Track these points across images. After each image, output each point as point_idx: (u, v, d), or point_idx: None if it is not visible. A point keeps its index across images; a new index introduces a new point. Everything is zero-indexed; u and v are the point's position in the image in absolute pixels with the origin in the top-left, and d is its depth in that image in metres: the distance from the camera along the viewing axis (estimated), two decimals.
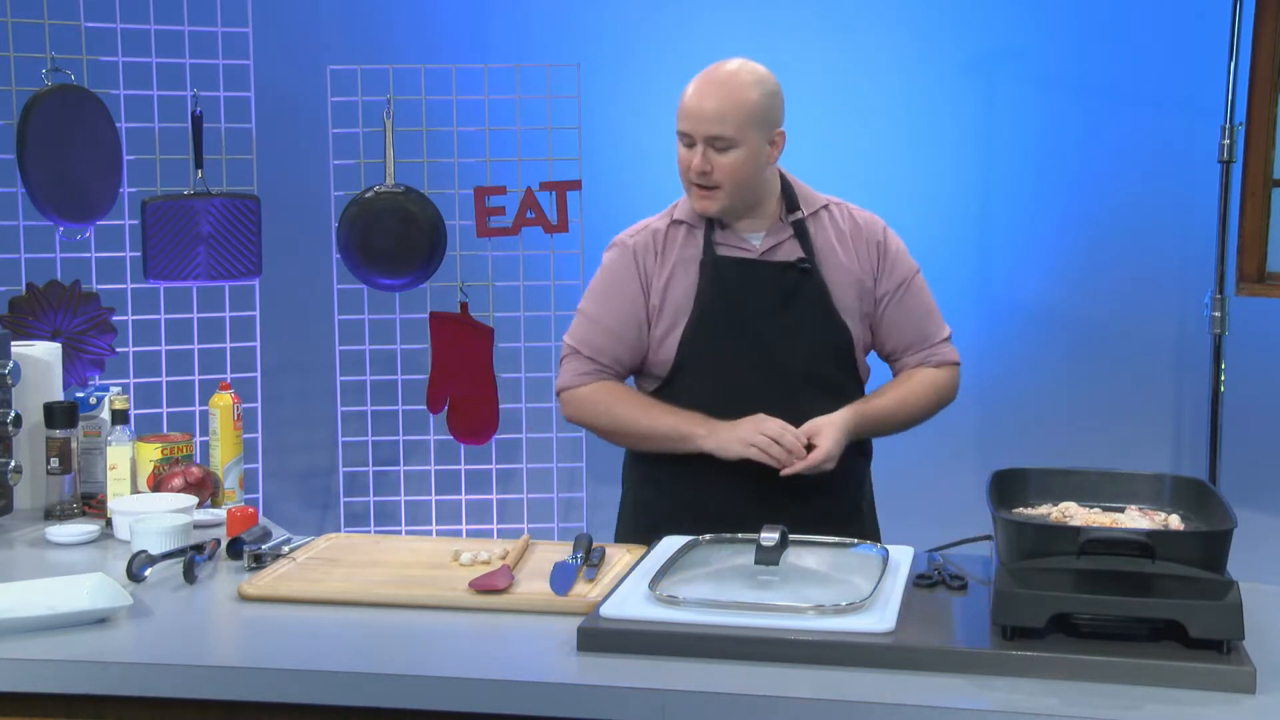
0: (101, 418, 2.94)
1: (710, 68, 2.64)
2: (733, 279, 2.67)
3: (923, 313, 2.79)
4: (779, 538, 2.16)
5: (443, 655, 2.05)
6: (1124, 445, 4.40)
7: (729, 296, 2.67)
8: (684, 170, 2.64)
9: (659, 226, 2.75)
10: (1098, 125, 4.45)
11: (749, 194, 2.66)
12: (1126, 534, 1.94)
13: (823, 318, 2.68)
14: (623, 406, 2.71)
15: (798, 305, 2.67)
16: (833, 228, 2.74)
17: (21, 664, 1.98)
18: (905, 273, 2.77)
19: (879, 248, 2.75)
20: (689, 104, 2.61)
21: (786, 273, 2.67)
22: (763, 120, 2.62)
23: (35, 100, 3.72)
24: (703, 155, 2.59)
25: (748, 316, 2.67)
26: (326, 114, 4.15)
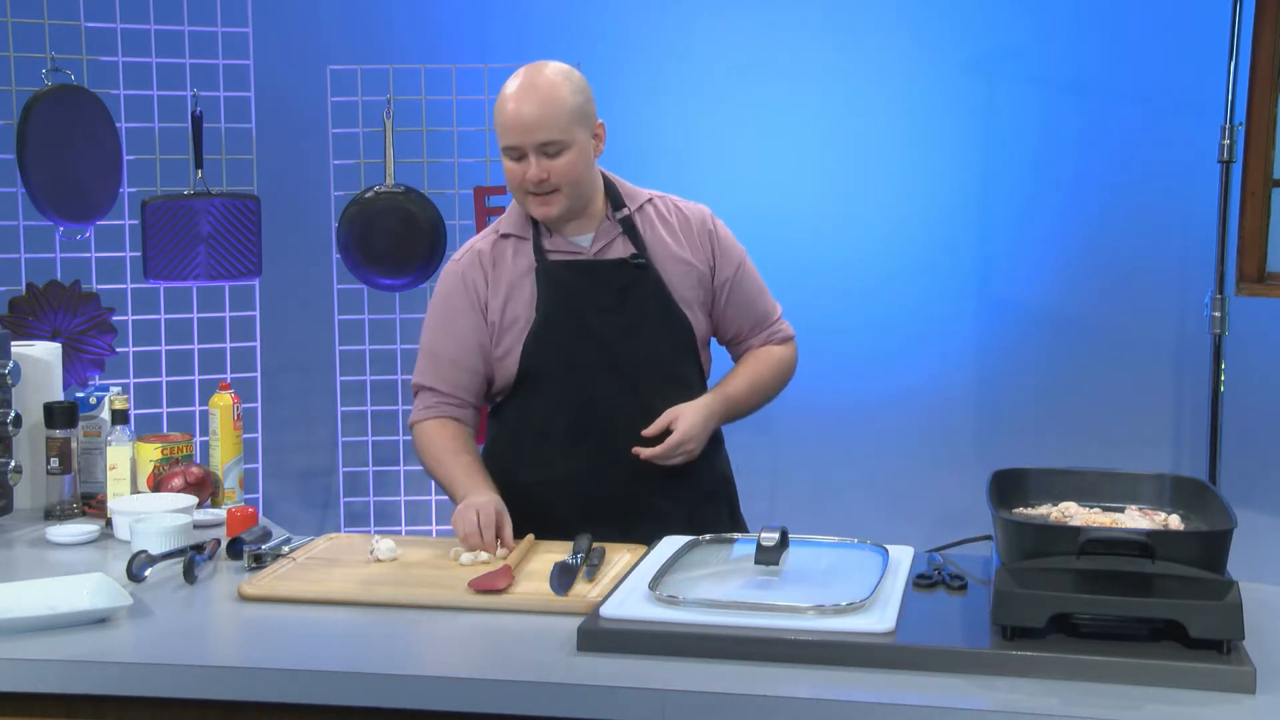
0: (101, 418, 2.94)
1: (520, 77, 2.58)
2: (569, 283, 2.66)
3: (757, 294, 2.81)
4: (779, 538, 2.17)
5: (443, 655, 2.05)
6: (1124, 445, 4.40)
7: (567, 300, 2.65)
8: (516, 183, 2.60)
9: (483, 246, 2.71)
10: (1097, 125, 4.45)
11: (585, 191, 2.65)
12: (1126, 534, 1.94)
13: (662, 311, 2.68)
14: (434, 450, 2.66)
15: (636, 301, 2.67)
16: (660, 221, 2.73)
17: (21, 664, 1.98)
18: (738, 257, 2.78)
19: (711, 237, 2.75)
20: (511, 118, 2.55)
21: (621, 269, 2.67)
22: (583, 115, 2.61)
23: (35, 100, 3.72)
24: (536, 164, 2.56)
25: (588, 318, 2.65)
26: (326, 114, 4.15)
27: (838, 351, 4.54)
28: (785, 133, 4.57)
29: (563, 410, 2.67)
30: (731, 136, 4.56)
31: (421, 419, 2.72)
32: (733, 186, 4.51)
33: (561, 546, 2.44)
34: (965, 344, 4.59)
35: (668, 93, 4.58)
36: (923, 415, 4.56)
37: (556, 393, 2.67)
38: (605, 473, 2.66)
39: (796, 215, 4.56)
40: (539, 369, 2.66)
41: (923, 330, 4.57)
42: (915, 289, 4.56)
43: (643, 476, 2.66)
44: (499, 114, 2.58)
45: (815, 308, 4.53)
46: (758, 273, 2.83)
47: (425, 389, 2.72)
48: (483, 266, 2.69)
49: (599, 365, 2.65)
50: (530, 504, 2.63)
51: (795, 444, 4.61)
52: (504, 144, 2.59)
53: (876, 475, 4.56)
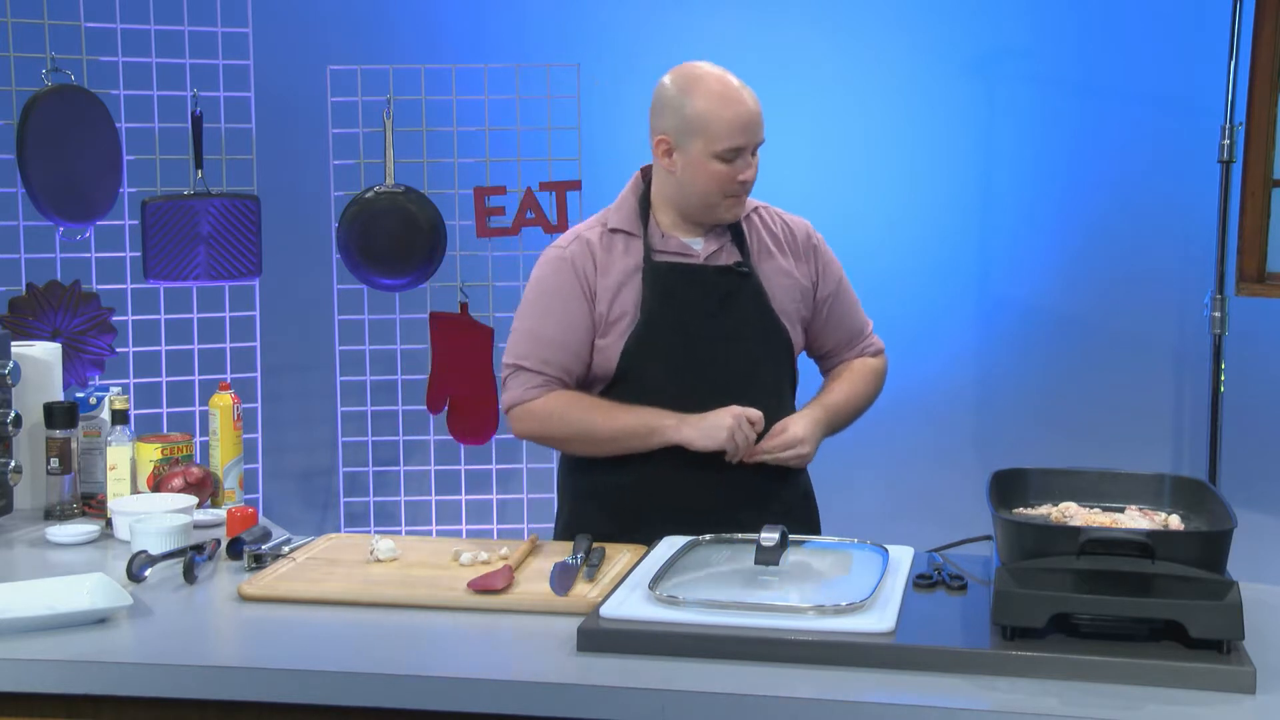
0: (101, 418, 2.94)
1: (722, 76, 2.62)
2: (676, 285, 2.66)
3: (854, 309, 2.84)
4: (779, 538, 2.17)
5: (443, 655, 2.05)
6: (1124, 445, 4.40)
7: (672, 303, 2.65)
8: (723, 184, 2.59)
9: (591, 236, 2.69)
10: (1098, 125, 4.45)
11: None
12: (1126, 534, 1.94)
13: (761, 321, 2.68)
14: (581, 412, 2.64)
15: (737, 309, 2.67)
16: (765, 231, 2.74)
17: (21, 664, 1.98)
18: (838, 273, 2.80)
19: (815, 251, 2.77)
20: (746, 116, 2.58)
21: (726, 276, 2.67)
22: None
23: (35, 100, 3.72)
24: (753, 162, 2.62)
25: (689, 322, 2.65)
26: (326, 114, 4.15)
27: None
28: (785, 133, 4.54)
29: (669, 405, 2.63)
30: None
31: (530, 397, 2.65)
32: None
33: (562, 547, 2.44)
34: (965, 344, 4.59)
35: None
36: (923, 415, 4.56)
37: (653, 395, 2.63)
38: (695, 479, 2.63)
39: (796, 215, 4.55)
40: (638, 369, 2.64)
41: (923, 330, 4.57)
42: (915, 289, 4.56)
43: (731, 485, 2.63)
44: (719, 112, 2.56)
45: None
46: (852, 287, 2.84)
47: (526, 370, 2.66)
48: (592, 255, 2.67)
49: (696, 370, 2.64)
50: (618, 503, 2.65)
51: None
52: (729, 145, 2.57)
53: (877, 475, 4.56)
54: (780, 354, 2.72)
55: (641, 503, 2.65)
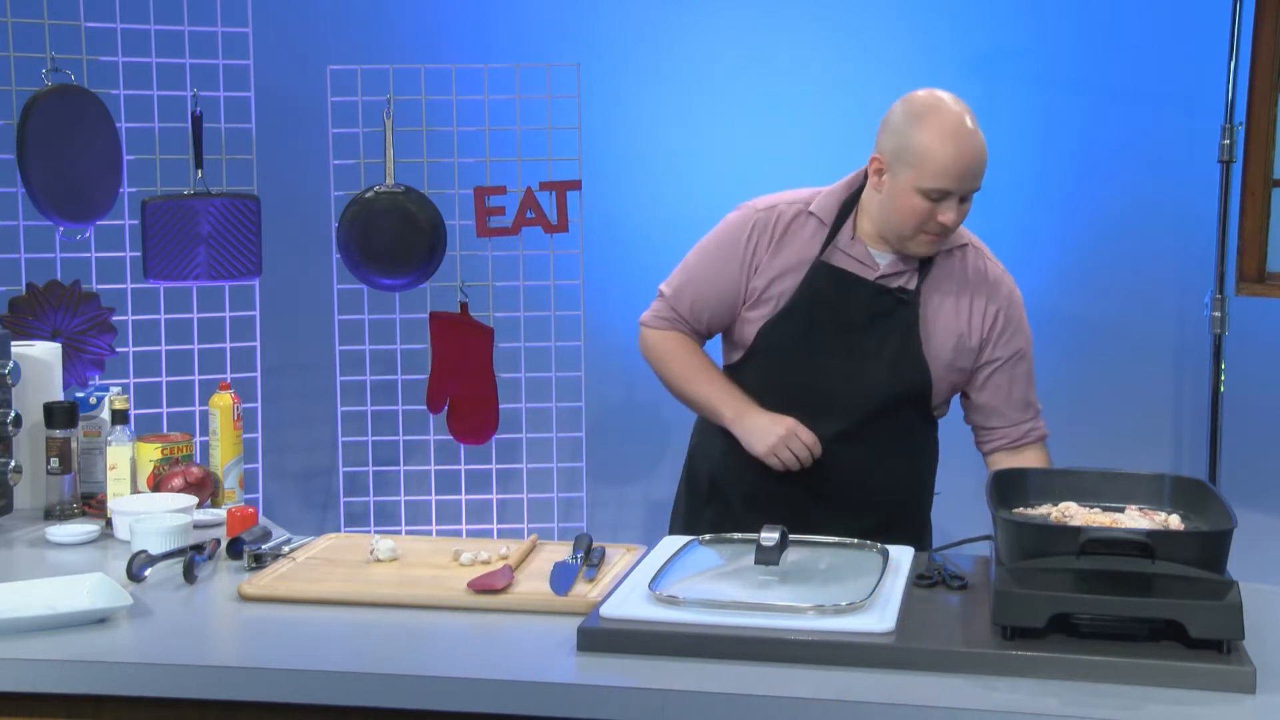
0: (101, 418, 2.94)
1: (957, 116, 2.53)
2: (834, 289, 2.63)
3: (1022, 390, 2.73)
4: (779, 538, 2.16)
5: (443, 655, 2.05)
6: (1124, 445, 4.40)
7: (819, 304, 2.63)
8: (920, 221, 2.55)
9: (787, 211, 2.69)
10: (1098, 125, 4.45)
11: None
12: (1126, 534, 1.94)
13: (902, 353, 2.63)
14: (676, 363, 2.75)
15: (881, 333, 2.63)
16: (959, 271, 2.68)
17: (21, 664, 1.98)
18: (1018, 346, 2.71)
19: (1000, 315, 2.68)
20: (954, 164, 2.50)
21: (882, 298, 2.63)
22: None
23: (35, 100, 3.71)
24: (958, 210, 2.55)
25: (830, 329, 2.63)
26: (326, 114, 4.15)
27: None
28: (785, 133, 4.56)
29: (772, 404, 2.66)
30: (732, 137, 4.56)
31: (654, 325, 2.79)
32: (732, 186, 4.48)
33: (562, 547, 2.44)
34: None
35: (668, 93, 4.57)
36: None
37: (768, 384, 2.67)
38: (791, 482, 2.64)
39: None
40: (764, 353, 2.68)
41: None
42: None
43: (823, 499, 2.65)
44: (941, 152, 2.50)
45: None
46: (1032, 368, 2.75)
47: (664, 299, 2.78)
48: (774, 229, 2.68)
49: (812, 376, 2.64)
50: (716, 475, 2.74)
51: None
52: (937, 185, 2.51)
53: None
54: (912, 392, 2.66)
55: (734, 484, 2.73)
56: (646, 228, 4.49)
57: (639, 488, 4.62)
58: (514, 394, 4.28)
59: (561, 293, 4.17)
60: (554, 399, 4.25)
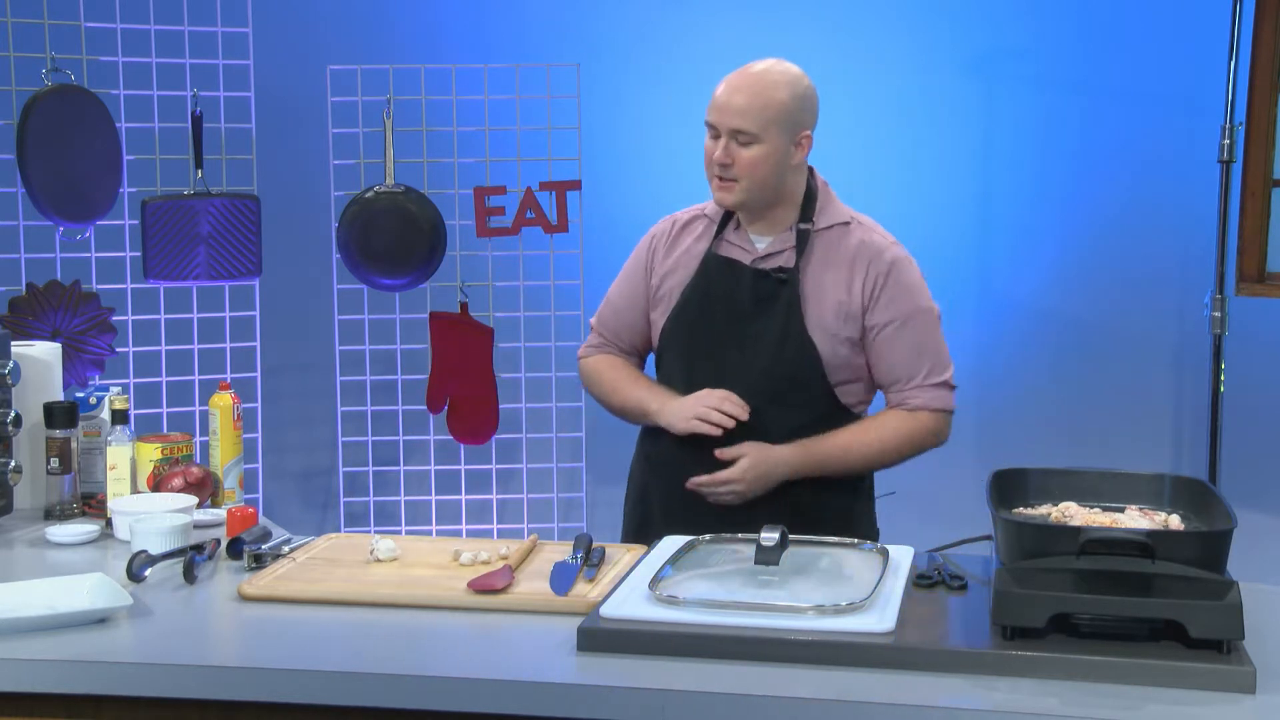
0: (101, 418, 2.94)
1: (746, 65, 2.67)
2: (721, 279, 2.70)
3: (913, 353, 2.70)
4: (779, 538, 2.16)
5: (443, 655, 2.05)
6: (1124, 445, 4.40)
7: (708, 294, 2.70)
8: (707, 160, 2.67)
9: (682, 216, 2.83)
10: (1098, 125, 4.45)
11: (768, 192, 2.66)
12: (1126, 534, 1.94)
13: (788, 331, 2.65)
14: (604, 379, 2.83)
15: (769, 315, 2.66)
16: (839, 244, 2.69)
17: (21, 664, 1.98)
18: (906, 310, 2.69)
19: (883, 277, 2.68)
20: (718, 97, 2.64)
21: (762, 280, 2.67)
22: (788, 120, 2.63)
23: (35, 100, 3.71)
24: (725, 148, 2.62)
25: (718, 317, 2.68)
26: (326, 114, 4.15)
27: None
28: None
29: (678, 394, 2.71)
30: None
31: (586, 355, 2.91)
32: None
33: (561, 547, 2.44)
34: (965, 344, 4.58)
35: (668, 93, 4.57)
36: None
37: (675, 380, 2.73)
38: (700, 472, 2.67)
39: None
40: (667, 352, 2.76)
41: None
42: None
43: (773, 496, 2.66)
44: (714, 91, 2.66)
45: None
46: (933, 335, 2.72)
47: (594, 328, 2.91)
48: (671, 234, 2.81)
49: (713, 364, 2.67)
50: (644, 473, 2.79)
51: None
52: (707, 119, 2.66)
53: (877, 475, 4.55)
54: (806, 368, 2.66)
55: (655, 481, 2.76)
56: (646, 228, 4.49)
57: None
58: (514, 394, 4.28)
59: (561, 293, 4.17)
60: (554, 399, 4.25)
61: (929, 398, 2.71)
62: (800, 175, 2.72)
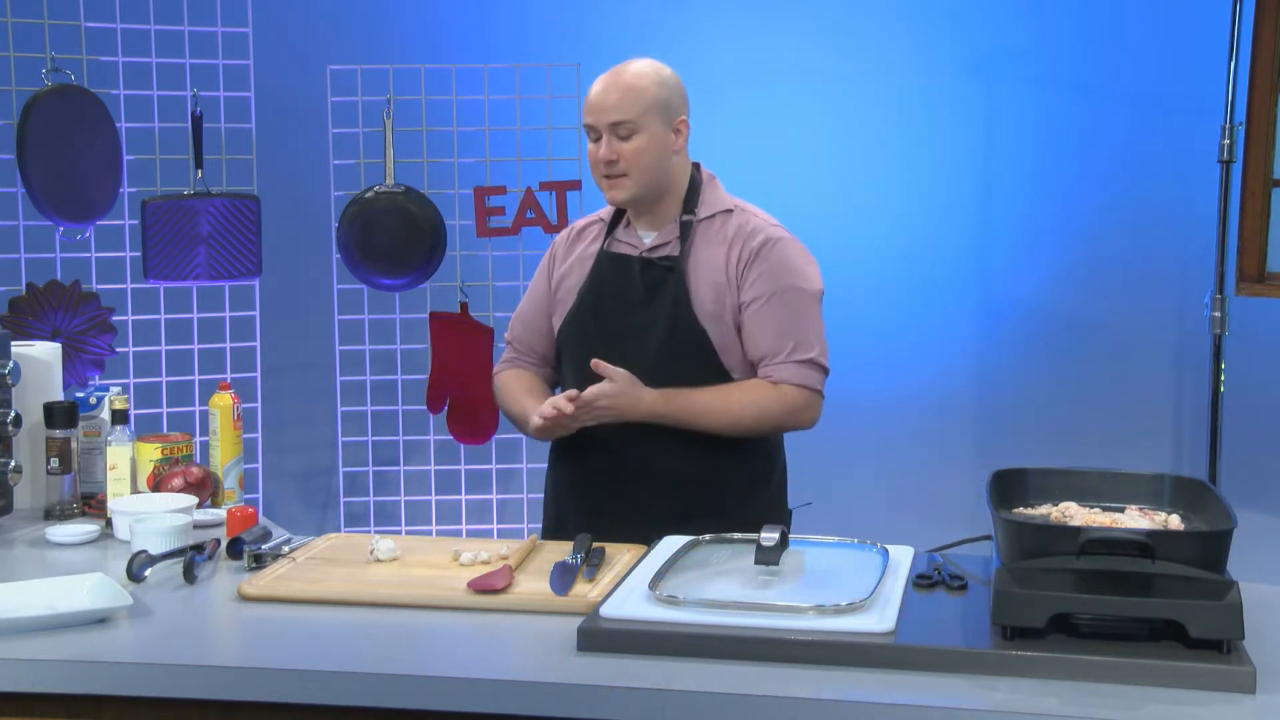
0: (101, 418, 2.94)
1: (615, 66, 2.72)
2: (609, 275, 2.75)
3: (783, 330, 2.67)
4: (779, 538, 2.17)
5: (443, 655, 2.05)
6: (1124, 445, 4.40)
7: (601, 291, 2.75)
8: (593, 164, 2.71)
9: (580, 224, 2.89)
10: (1098, 125, 4.45)
11: (657, 180, 2.70)
12: (1126, 534, 1.94)
13: (676, 319, 2.68)
14: (504, 393, 2.87)
15: (658, 304, 2.70)
16: (720, 230, 2.73)
17: (21, 664, 1.98)
18: (776, 286, 2.67)
19: (753, 254, 2.68)
20: (592, 99, 2.69)
21: (649, 270, 2.72)
22: (662, 106, 2.68)
23: (35, 100, 3.72)
24: (607, 144, 2.66)
25: (612, 312, 2.73)
26: (326, 114, 4.15)
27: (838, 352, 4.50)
28: (785, 133, 4.57)
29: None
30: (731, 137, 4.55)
31: (499, 370, 2.94)
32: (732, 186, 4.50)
33: (562, 546, 2.44)
34: (965, 344, 4.59)
35: None
36: (923, 415, 4.56)
37: (574, 380, 2.75)
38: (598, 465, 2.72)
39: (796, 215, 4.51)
40: (566, 352, 2.79)
41: (923, 330, 4.57)
42: (915, 289, 4.56)
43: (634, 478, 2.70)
44: (586, 96, 2.72)
45: None
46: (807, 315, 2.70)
47: (508, 343, 2.94)
48: (568, 241, 2.87)
49: (610, 359, 2.66)
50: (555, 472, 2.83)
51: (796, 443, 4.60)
52: (585, 123, 2.71)
53: (877, 475, 4.56)
54: (697, 353, 2.67)
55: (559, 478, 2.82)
56: None
57: None
58: None
59: None
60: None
61: (791, 373, 2.68)
62: (684, 167, 2.77)
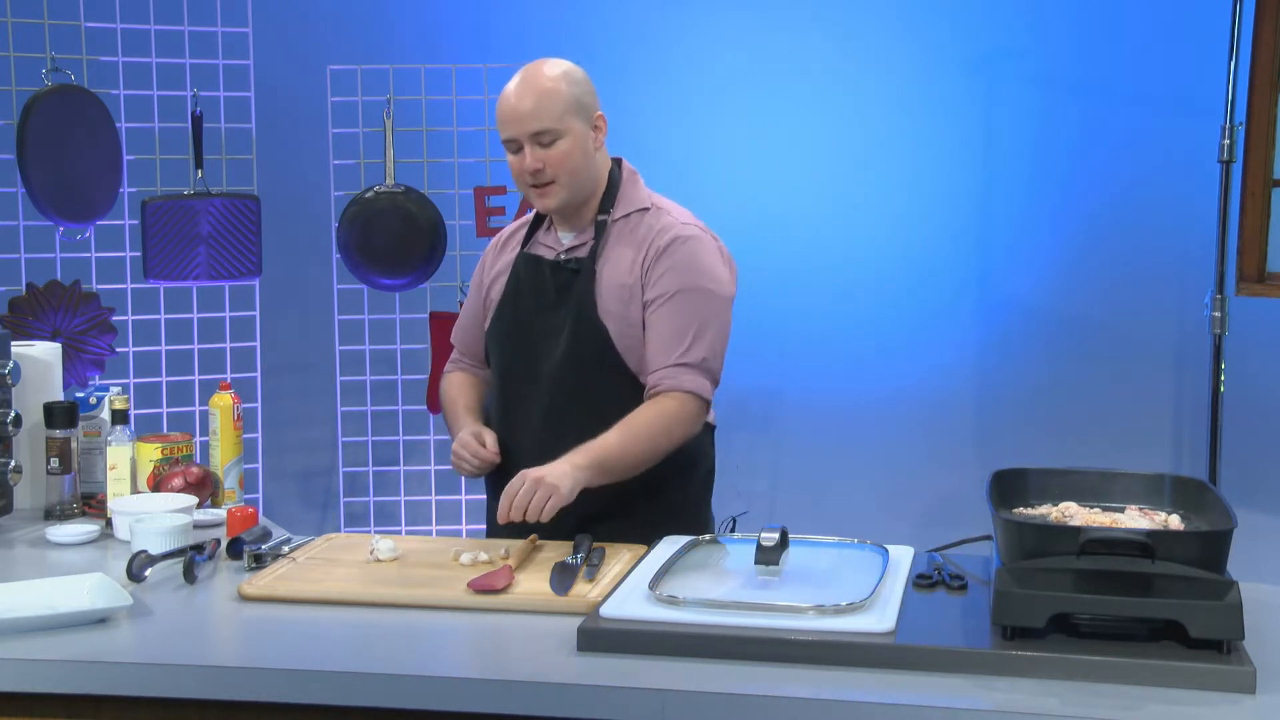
0: (101, 418, 2.94)
1: (518, 74, 2.64)
2: (525, 278, 2.73)
3: (673, 332, 2.60)
4: (779, 538, 2.17)
5: (443, 655, 2.05)
6: (1124, 445, 4.40)
7: (518, 295, 2.74)
8: (518, 176, 2.65)
9: (512, 228, 2.87)
10: (1097, 125, 4.45)
11: (586, 181, 2.66)
12: (1126, 534, 1.94)
13: (580, 318, 2.65)
14: (444, 402, 2.86)
15: (566, 305, 2.67)
16: (631, 230, 2.68)
17: (21, 664, 1.98)
18: (676, 285, 2.61)
19: (660, 252, 2.64)
20: (507, 111, 2.61)
21: (557, 272, 2.69)
22: (578, 105, 2.63)
23: (35, 100, 3.72)
24: (532, 154, 2.60)
25: (525, 314, 2.72)
26: (326, 114, 4.15)
27: (838, 351, 4.54)
28: (785, 133, 4.57)
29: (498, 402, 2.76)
30: (732, 136, 4.56)
31: (446, 373, 2.93)
32: (732, 186, 4.51)
33: (562, 546, 2.44)
34: (965, 344, 4.59)
35: (668, 93, 4.57)
36: (922, 414, 4.56)
37: (500, 380, 2.76)
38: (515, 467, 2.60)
39: (797, 215, 4.56)
40: (493, 358, 2.78)
41: (923, 330, 4.57)
42: (915, 289, 4.56)
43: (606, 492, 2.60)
44: (498, 109, 2.64)
45: (815, 307, 4.53)
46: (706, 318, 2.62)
47: (454, 346, 2.94)
48: (498, 247, 2.85)
49: (522, 363, 2.70)
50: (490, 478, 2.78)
51: (795, 443, 4.61)
52: (503, 137, 2.64)
53: (876, 475, 4.56)
54: (601, 354, 2.63)
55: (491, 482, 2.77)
56: None
57: None
58: None
59: None
60: None
61: (685, 378, 2.60)
62: (605, 164, 2.72)
